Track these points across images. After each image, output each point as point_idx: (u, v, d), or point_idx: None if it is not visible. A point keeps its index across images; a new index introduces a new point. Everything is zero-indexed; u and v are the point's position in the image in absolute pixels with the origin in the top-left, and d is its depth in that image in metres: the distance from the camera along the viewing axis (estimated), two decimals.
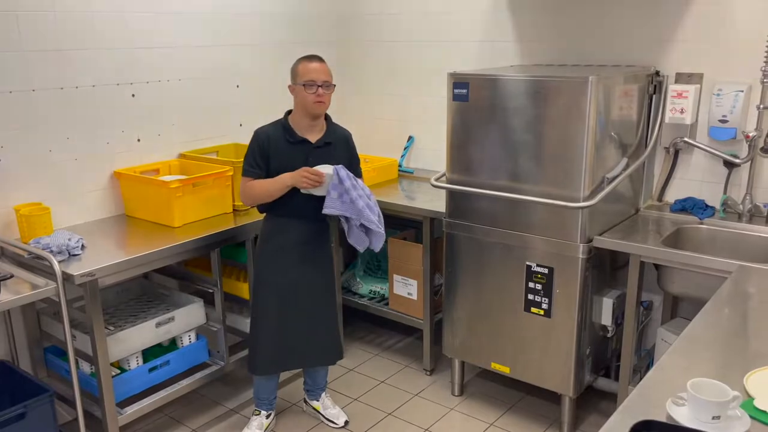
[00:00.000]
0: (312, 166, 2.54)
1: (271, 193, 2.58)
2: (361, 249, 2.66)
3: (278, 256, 2.66)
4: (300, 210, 2.61)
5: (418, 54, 3.74)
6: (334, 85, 2.61)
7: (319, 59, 2.60)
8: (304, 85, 2.53)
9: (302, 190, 2.54)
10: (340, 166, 2.54)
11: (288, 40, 3.71)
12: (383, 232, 2.63)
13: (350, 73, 4.05)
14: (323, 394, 3.03)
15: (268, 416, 2.90)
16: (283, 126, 2.62)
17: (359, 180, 2.63)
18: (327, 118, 2.70)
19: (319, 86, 2.53)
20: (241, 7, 3.45)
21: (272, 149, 2.59)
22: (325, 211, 2.54)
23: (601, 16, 3.04)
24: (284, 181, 2.55)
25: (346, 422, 2.97)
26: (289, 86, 2.61)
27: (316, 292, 2.74)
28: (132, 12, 2.99)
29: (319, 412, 3.00)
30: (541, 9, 3.22)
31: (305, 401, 3.07)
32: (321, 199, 2.55)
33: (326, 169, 2.52)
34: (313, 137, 2.62)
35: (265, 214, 2.71)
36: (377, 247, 2.67)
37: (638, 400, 1.45)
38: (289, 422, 3.02)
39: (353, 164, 2.72)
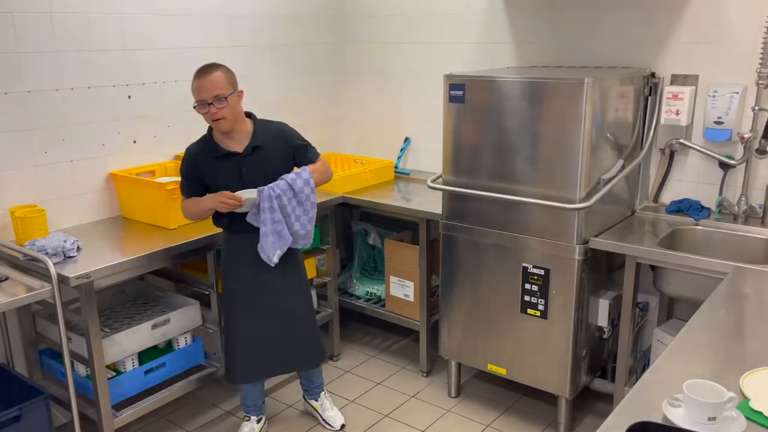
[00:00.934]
0: (246, 176, 2.46)
1: (202, 212, 2.53)
2: (271, 263, 2.52)
3: (239, 266, 2.60)
4: (247, 222, 2.50)
5: (414, 55, 3.74)
6: (234, 92, 2.43)
7: (210, 70, 2.40)
8: (195, 106, 2.42)
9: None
10: (269, 186, 2.44)
11: (284, 42, 3.71)
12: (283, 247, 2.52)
13: (346, 74, 4.05)
14: (322, 394, 3.01)
15: (258, 421, 2.88)
16: (207, 142, 2.53)
17: (298, 178, 2.50)
18: (252, 118, 2.58)
19: (210, 104, 2.38)
20: (237, 9, 3.44)
21: (202, 167, 2.51)
22: (248, 219, 2.48)
23: (597, 17, 3.05)
24: (204, 204, 2.49)
25: (343, 426, 2.96)
26: (194, 106, 2.45)
27: (285, 296, 2.67)
28: (128, 14, 2.98)
29: (317, 412, 3.00)
30: (537, 10, 3.23)
31: (304, 398, 3.06)
32: None
33: (250, 194, 2.43)
34: (240, 146, 2.50)
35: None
36: (270, 248, 2.52)
37: (634, 402, 1.45)
38: (284, 426, 3.01)
39: (298, 154, 2.61)
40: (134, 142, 3.10)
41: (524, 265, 2.75)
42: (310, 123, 3.96)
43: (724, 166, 2.82)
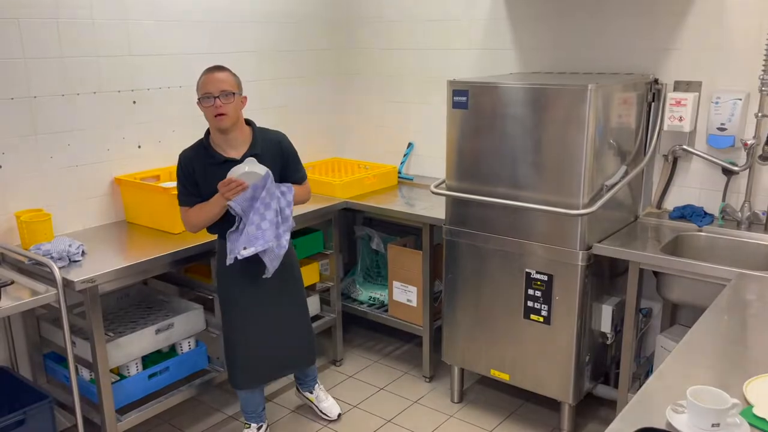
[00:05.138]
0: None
1: (213, 215, 2.47)
2: (228, 259, 2.43)
3: (236, 272, 2.56)
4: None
5: (418, 61, 3.76)
6: (240, 94, 2.46)
7: (220, 69, 2.45)
8: (200, 99, 2.42)
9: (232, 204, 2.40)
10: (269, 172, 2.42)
11: (288, 48, 3.73)
12: (261, 248, 2.42)
13: (350, 80, 4.07)
14: (316, 386, 3.04)
15: (259, 428, 2.87)
16: (204, 147, 2.50)
17: (282, 193, 2.47)
18: (251, 125, 2.57)
19: (216, 98, 2.38)
20: (242, 15, 3.46)
21: (198, 174, 2.48)
22: (230, 203, 2.38)
23: (601, 24, 3.06)
24: (214, 206, 2.44)
25: (339, 415, 2.99)
26: (197, 102, 2.46)
27: (284, 299, 2.69)
28: (133, 20, 3.00)
29: (313, 404, 3.02)
30: (540, 17, 3.24)
31: (298, 391, 3.08)
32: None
33: (242, 169, 2.36)
34: (238, 152, 2.48)
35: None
36: (267, 272, 2.50)
37: (638, 408, 1.45)
38: (286, 430, 3.02)
39: (290, 168, 2.61)
40: (139, 147, 3.12)
41: (527, 270, 2.75)
42: (314, 128, 3.98)
43: (727, 173, 2.82)
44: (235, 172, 2.38)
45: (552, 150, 2.59)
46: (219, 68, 2.46)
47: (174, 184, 2.99)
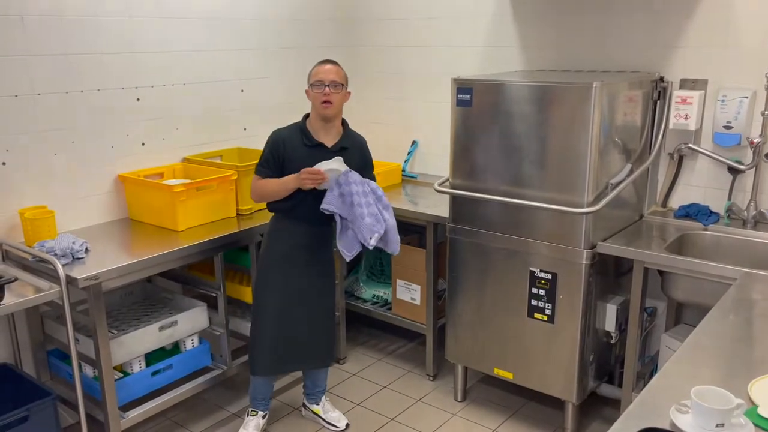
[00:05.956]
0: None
1: (277, 194, 2.61)
2: (347, 256, 2.57)
3: (283, 258, 2.67)
4: (307, 213, 2.62)
5: (422, 59, 3.75)
6: (345, 88, 2.63)
7: (333, 62, 2.64)
8: (312, 85, 2.58)
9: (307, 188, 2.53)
10: (350, 170, 2.54)
11: (292, 45, 3.72)
12: (377, 241, 2.54)
13: (354, 77, 4.04)
14: (323, 398, 3.02)
15: (264, 417, 2.91)
16: (300, 129, 2.64)
17: (374, 186, 2.59)
18: (344, 123, 2.73)
19: (326, 86, 2.55)
20: (246, 12, 3.46)
21: (287, 152, 2.60)
22: (323, 206, 2.51)
23: (606, 21, 3.04)
24: (287, 183, 2.56)
25: (347, 425, 2.96)
26: (306, 90, 2.64)
27: (318, 296, 2.75)
28: (137, 17, 3.00)
29: (319, 416, 3.00)
30: (545, 14, 3.22)
31: (304, 405, 3.06)
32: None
33: (329, 165, 2.50)
34: (329, 141, 2.64)
35: (273, 214, 2.72)
36: (393, 249, 2.62)
37: (642, 407, 1.44)
38: (288, 428, 3.01)
39: (366, 171, 2.72)
40: (143, 144, 3.12)
41: (531, 269, 2.74)
42: None
43: (733, 171, 2.80)
44: (322, 166, 2.49)
45: (556, 148, 2.58)
46: (331, 62, 2.63)
47: (177, 181, 3.00)
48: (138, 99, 3.07)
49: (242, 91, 3.51)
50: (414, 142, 3.89)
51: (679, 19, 2.85)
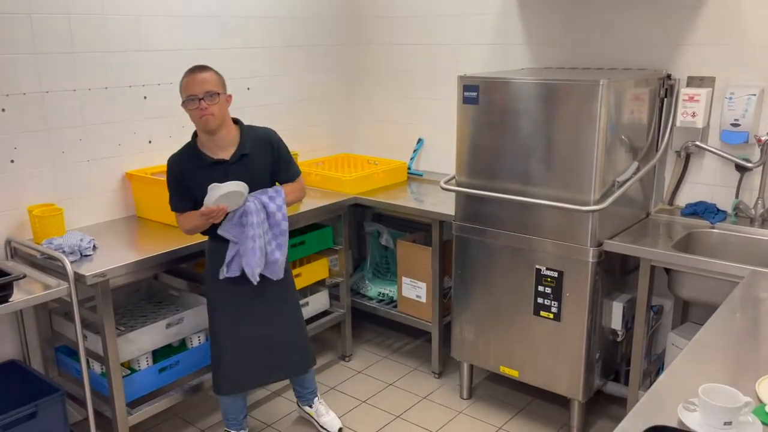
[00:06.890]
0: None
1: (204, 226, 2.45)
2: (246, 269, 2.44)
3: (225, 278, 2.50)
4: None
5: (428, 56, 3.74)
6: (224, 93, 2.39)
7: (202, 69, 2.37)
8: (185, 101, 2.35)
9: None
10: (254, 197, 2.39)
11: (298, 43, 3.73)
12: (261, 272, 2.45)
13: (360, 75, 4.06)
14: (316, 400, 2.95)
15: None
16: (191, 150, 2.45)
17: (272, 209, 2.43)
18: (238, 123, 2.50)
19: (200, 99, 2.31)
20: (253, 10, 3.46)
21: (188, 178, 2.43)
22: (220, 231, 2.39)
23: (613, 18, 3.03)
24: (203, 221, 2.40)
25: (340, 429, 2.92)
26: (182, 105, 2.40)
27: (272, 304, 2.61)
28: (144, 15, 3.01)
29: (313, 418, 2.96)
30: (551, 12, 3.22)
31: (298, 405, 3.02)
32: None
33: (221, 191, 2.30)
34: (226, 153, 2.42)
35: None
36: (277, 277, 2.51)
37: (649, 405, 1.44)
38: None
39: (281, 165, 2.55)
40: (150, 142, 3.13)
41: (537, 267, 2.74)
42: (324, 124, 3.98)
43: (741, 169, 2.79)
44: (209, 199, 2.31)
45: (563, 146, 2.58)
46: (201, 68, 2.38)
47: None
48: (145, 97, 3.08)
49: (248, 89, 3.52)
50: (420, 140, 3.89)
51: (687, 16, 2.84)
